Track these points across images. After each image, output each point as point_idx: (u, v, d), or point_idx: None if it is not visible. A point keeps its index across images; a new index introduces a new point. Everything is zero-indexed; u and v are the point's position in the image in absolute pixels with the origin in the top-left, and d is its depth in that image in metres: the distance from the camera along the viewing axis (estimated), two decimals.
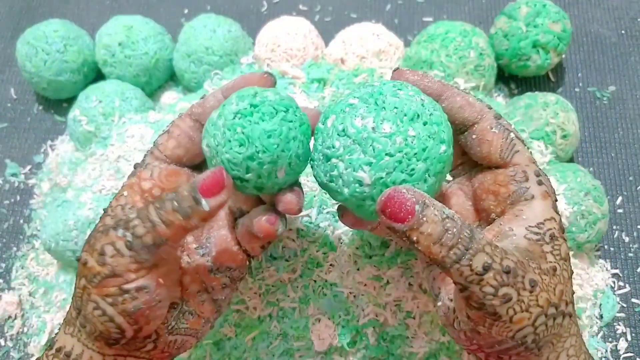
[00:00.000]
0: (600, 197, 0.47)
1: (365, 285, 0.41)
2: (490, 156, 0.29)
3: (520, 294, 0.25)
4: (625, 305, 0.49)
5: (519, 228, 0.27)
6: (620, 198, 0.53)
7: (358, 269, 0.41)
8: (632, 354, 0.47)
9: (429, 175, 0.27)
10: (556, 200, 0.29)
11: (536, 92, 0.52)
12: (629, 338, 0.48)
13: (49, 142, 0.57)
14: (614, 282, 0.49)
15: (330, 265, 0.41)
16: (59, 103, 0.59)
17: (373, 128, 0.26)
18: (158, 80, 0.56)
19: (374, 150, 0.26)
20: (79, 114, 0.51)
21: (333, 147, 0.27)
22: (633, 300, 0.49)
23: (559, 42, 0.52)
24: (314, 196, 0.42)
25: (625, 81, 0.58)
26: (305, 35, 0.53)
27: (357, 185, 0.27)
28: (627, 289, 0.49)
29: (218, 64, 0.53)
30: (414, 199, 0.25)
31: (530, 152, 0.29)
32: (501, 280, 0.25)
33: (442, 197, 0.32)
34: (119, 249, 0.26)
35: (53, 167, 0.55)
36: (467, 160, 0.32)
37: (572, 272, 0.28)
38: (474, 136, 0.30)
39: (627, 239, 0.51)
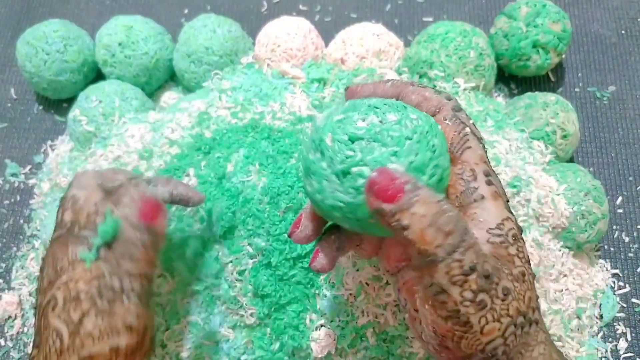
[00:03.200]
0: (600, 197, 0.47)
1: (365, 285, 0.41)
2: None
3: (493, 302, 0.24)
4: (625, 305, 0.49)
5: (479, 232, 0.25)
6: (620, 198, 0.53)
7: (357, 270, 0.41)
8: (632, 354, 0.47)
9: (445, 150, 0.26)
10: (508, 201, 0.27)
11: (536, 92, 0.52)
12: (629, 338, 0.48)
13: (49, 142, 0.57)
14: (614, 282, 0.49)
15: None
16: (59, 103, 0.59)
17: (380, 121, 0.26)
18: (158, 80, 0.56)
19: (392, 139, 0.25)
20: (79, 114, 0.51)
21: (348, 158, 0.26)
22: (633, 300, 0.49)
23: (559, 42, 0.52)
24: None
25: (625, 81, 0.58)
26: (305, 35, 0.53)
27: None
28: (627, 289, 0.49)
29: (218, 64, 0.53)
30: (405, 179, 0.23)
31: (486, 150, 0.28)
32: (481, 285, 0.23)
33: None
34: None
35: (53, 167, 0.55)
36: None
37: (534, 276, 0.26)
38: None
39: (627, 239, 0.51)
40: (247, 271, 0.41)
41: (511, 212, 0.26)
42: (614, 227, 0.52)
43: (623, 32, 0.60)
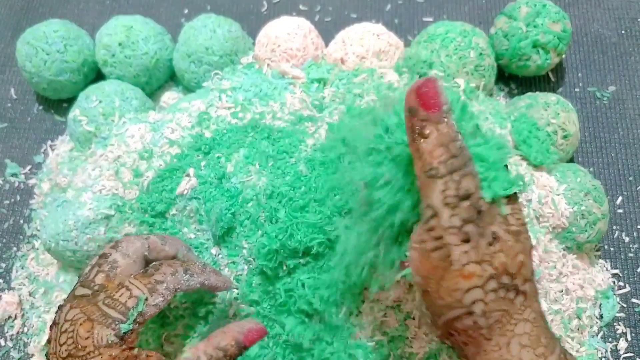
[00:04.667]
0: (600, 197, 0.47)
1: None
2: None
3: (478, 242, 0.25)
4: (625, 305, 0.49)
5: None
6: (620, 198, 0.53)
7: None
8: (632, 354, 0.47)
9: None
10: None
11: (537, 92, 0.52)
12: (629, 338, 0.48)
13: (49, 142, 0.57)
14: (614, 282, 0.49)
15: None
16: (59, 103, 0.59)
17: None
18: (158, 80, 0.56)
19: None
20: (79, 114, 0.51)
21: None
22: (633, 300, 0.49)
23: (559, 42, 0.52)
24: None
25: (625, 81, 0.58)
26: (305, 35, 0.53)
27: None
28: (627, 289, 0.49)
29: (218, 64, 0.53)
30: (447, 99, 0.25)
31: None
32: (471, 216, 0.24)
33: None
34: None
35: (53, 167, 0.55)
36: None
37: (532, 246, 0.27)
38: None
39: (627, 239, 0.51)
40: (244, 275, 0.41)
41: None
42: (614, 227, 0.52)
43: (623, 32, 0.60)
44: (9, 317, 0.50)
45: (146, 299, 0.32)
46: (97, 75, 0.58)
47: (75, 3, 0.65)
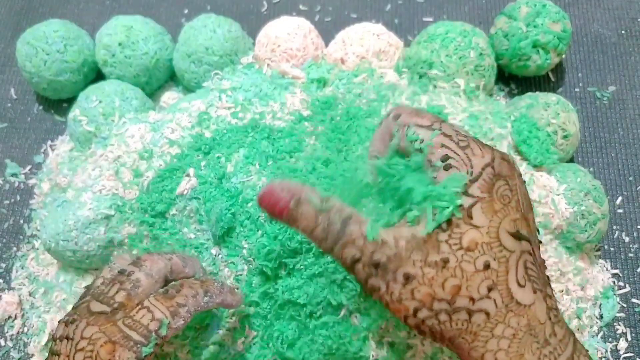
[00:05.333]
0: (600, 197, 0.47)
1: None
2: None
3: (390, 286, 0.26)
4: (625, 305, 0.49)
5: None
6: (620, 198, 0.53)
7: None
8: (632, 354, 0.47)
9: None
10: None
11: (537, 92, 0.52)
12: (629, 338, 0.48)
13: (49, 142, 0.57)
14: (614, 282, 0.49)
15: None
16: (59, 103, 0.59)
17: None
18: (158, 80, 0.56)
19: None
20: (79, 114, 0.51)
21: None
22: (633, 300, 0.49)
23: (559, 42, 0.52)
24: None
25: (625, 81, 0.58)
26: (305, 35, 0.53)
27: None
28: (627, 289, 0.49)
29: (218, 64, 0.53)
30: (288, 198, 0.27)
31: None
32: (369, 272, 0.26)
33: None
34: None
35: (53, 167, 0.55)
36: None
37: (488, 266, 0.25)
38: None
39: (627, 239, 0.51)
40: (244, 275, 0.41)
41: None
42: (614, 227, 0.52)
43: (623, 32, 0.60)
44: (9, 317, 0.50)
45: (168, 323, 0.32)
46: (97, 75, 0.58)
47: (75, 3, 0.65)
